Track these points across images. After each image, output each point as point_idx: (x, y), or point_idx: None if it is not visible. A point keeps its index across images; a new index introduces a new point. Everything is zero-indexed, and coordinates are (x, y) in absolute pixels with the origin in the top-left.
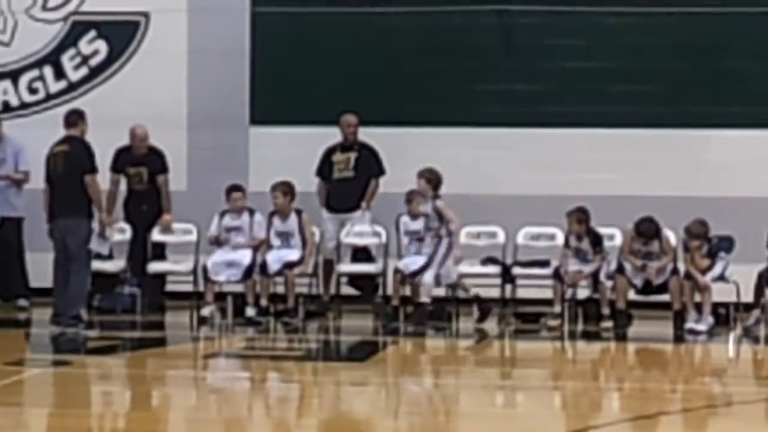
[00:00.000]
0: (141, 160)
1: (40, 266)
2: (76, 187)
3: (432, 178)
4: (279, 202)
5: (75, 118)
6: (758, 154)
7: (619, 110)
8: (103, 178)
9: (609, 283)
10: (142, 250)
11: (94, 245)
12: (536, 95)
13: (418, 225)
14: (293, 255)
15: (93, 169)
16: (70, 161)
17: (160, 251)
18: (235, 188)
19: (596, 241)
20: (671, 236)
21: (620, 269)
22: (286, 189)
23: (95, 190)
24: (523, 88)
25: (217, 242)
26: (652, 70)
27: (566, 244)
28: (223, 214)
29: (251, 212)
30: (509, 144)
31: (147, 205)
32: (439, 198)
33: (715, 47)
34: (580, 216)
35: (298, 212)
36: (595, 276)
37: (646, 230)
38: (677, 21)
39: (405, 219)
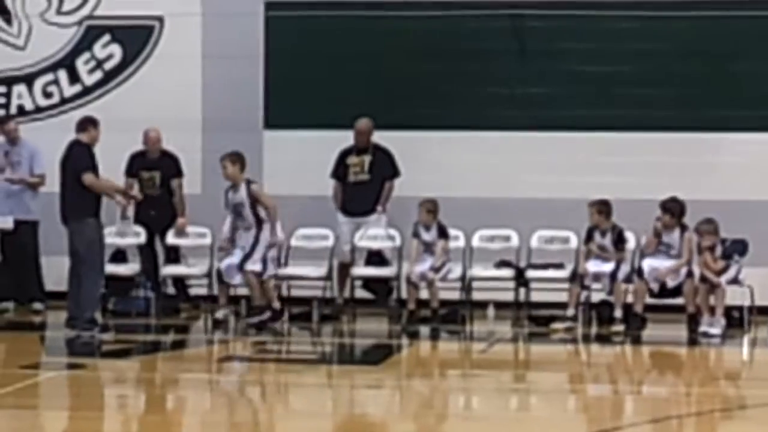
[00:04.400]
0: (155, 164)
1: (55, 269)
2: (76, 190)
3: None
4: (229, 172)
5: (85, 124)
6: None
7: (632, 114)
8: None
9: (624, 286)
10: (154, 254)
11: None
12: (549, 99)
13: (429, 236)
14: (238, 257)
15: (88, 168)
16: (68, 164)
17: (174, 255)
18: None
19: (619, 239)
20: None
21: (639, 273)
22: (234, 158)
23: (98, 186)
24: (536, 92)
25: (231, 242)
26: (664, 74)
27: (588, 239)
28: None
29: None
30: (522, 147)
31: (158, 209)
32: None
33: (727, 50)
34: (600, 207)
35: (248, 183)
36: (612, 276)
37: (672, 207)
38: (689, 25)
39: (420, 228)
